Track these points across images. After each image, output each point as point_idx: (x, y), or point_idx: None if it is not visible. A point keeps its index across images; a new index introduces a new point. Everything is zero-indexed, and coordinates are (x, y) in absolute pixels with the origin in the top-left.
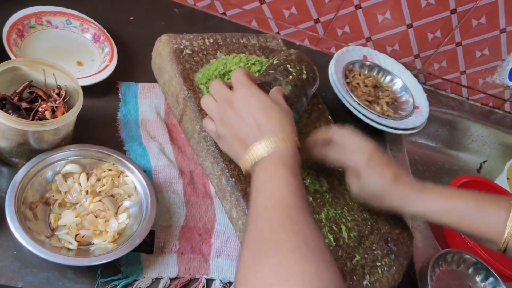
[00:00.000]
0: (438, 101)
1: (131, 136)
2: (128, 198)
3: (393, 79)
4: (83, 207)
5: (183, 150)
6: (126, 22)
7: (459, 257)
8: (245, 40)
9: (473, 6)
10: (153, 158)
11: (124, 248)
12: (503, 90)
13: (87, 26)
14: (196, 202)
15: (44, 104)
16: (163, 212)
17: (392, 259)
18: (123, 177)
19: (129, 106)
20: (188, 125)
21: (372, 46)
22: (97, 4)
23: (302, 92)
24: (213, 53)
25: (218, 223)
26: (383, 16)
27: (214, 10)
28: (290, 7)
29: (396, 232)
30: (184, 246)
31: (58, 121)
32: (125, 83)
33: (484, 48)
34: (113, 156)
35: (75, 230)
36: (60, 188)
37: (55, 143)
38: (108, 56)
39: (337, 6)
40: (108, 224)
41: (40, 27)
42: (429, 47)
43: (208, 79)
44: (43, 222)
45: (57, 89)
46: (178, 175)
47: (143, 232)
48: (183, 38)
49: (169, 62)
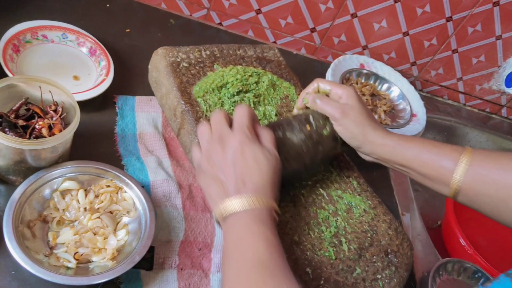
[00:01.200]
0: (436, 108)
1: (129, 150)
2: (127, 214)
3: (390, 87)
4: (82, 224)
5: (181, 163)
6: (122, 34)
7: (459, 266)
8: (242, 51)
9: (468, 14)
10: (151, 173)
11: (123, 265)
12: (499, 96)
13: (83, 40)
14: (195, 216)
15: (41, 121)
16: (162, 227)
17: (393, 271)
18: (122, 193)
19: (127, 120)
20: (186, 138)
21: (369, 54)
22: (92, 17)
23: (317, 148)
24: (210, 66)
25: (218, 237)
26: (379, 25)
27: (210, 20)
28: (286, 16)
29: (396, 243)
30: (184, 261)
31: (55, 139)
32: (122, 96)
33: (480, 54)
34: (111, 172)
35: (74, 248)
36: (58, 205)
37: (52, 160)
38: (104, 70)
39: (333, 15)
40: (107, 241)
41: (36, 42)
42: (426, 54)
43: (206, 92)
44: (41, 240)
45: (54, 105)
46: (177, 189)
47: (143, 249)
48: (180, 51)
49: (166, 75)
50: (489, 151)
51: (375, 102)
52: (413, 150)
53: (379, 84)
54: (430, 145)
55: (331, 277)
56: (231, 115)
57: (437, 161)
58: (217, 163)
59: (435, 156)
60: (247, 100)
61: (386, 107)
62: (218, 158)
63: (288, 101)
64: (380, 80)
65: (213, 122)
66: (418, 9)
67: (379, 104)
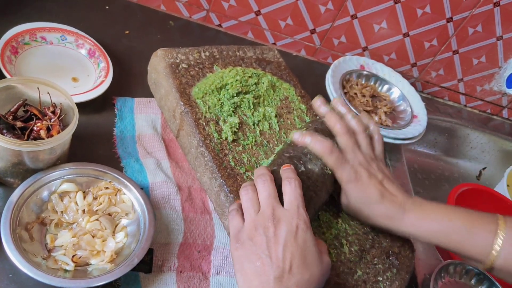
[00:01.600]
0: (436, 109)
1: (128, 152)
2: (126, 216)
3: (390, 88)
4: (80, 226)
5: (181, 165)
6: (121, 36)
7: (461, 268)
8: (242, 52)
9: (469, 14)
10: (150, 175)
11: (122, 268)
12: (500, 97)
13: (82, 42)
14: (194, 218)
15: (39, 122)
16: (161, 229)
17: (394, 273)
18: (120, 195)
19: (126, 122)
20: (185, 140)
21: (369, 55)
22: (91, 19)
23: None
24: (210, 67)
25: (218, 239)
26: (379, 26)
27: (209, 22)
28: (286, 18)
29: (397, 245)
30: (183, 264)
31: (53, 140)
32: (121, 98)
33: (481, 55)
34: (110, 173)
35: (72, 251)
36: (56, 207)
37: (50, 162)
38: (103, 71)
39: (333, 16)
40: (106, 243)
41: (35, 43)
42: (426, 55)
43: (205, 93)
44: (39, 243)
45: (52, 107)
46: (176, 191)
47: (141, 251)
48: (179, 52)
49: (165, 77)
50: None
51: (376, 103)
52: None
53: (380, 86)
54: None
55: (331, 280)
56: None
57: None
58: (265, 240)
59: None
60: (247, 101)
61: (387, 109)
62: (268, 235)
63: (288, 102)
64: (380, 82)
65: (261, 192)
66: (418, 10)
67: (379, 105)
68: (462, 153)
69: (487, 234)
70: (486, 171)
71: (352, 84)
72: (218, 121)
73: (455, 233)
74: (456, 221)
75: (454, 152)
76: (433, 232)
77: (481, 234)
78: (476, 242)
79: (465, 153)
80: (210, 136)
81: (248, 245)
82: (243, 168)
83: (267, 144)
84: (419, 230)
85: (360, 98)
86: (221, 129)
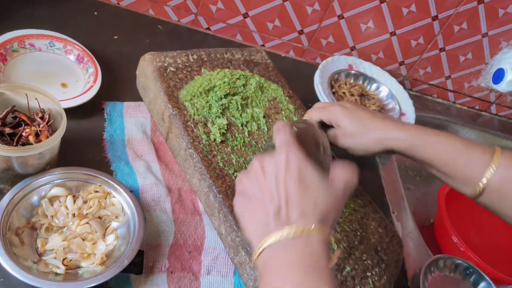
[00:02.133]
0: (425, 107)
1: (118, 156)
2: (116, 219)
3: (379, 87)
4: (70, 230)
5: (171, 167)
6: (110, 41)
7: (451, 262)
8: (229, 54)
9: (454, 12)
10: (140, 177)
11: (112, 270)
12: (488, 93)
13: (70, 48)
14: (185, 219)
15: (27, 128)
16: (152, 231)
17: (383, 268)
18: (110, 198)
19: (115, 126)
20: (174, 142)
21: (357, 55)
22: (80, 25)
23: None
24: (198, 70)
25: (208, 240)
26: (366, 25)
27: (198, 25)
28: (273, 19)
29: (386, 240)
30: (174, 264)
31: (41, 145)
32: (110, 102)
33: (467, 52)
34: (99, 177)
35: (63, 254)
36: (46, 212)
37: (40, 167)
38: (92, 76)
39: (320, 17)
40: (96, 246)
41: (23, 50)
42: (413, 53)
43: (193, 95)
44: (29, 247)
45: (41, 112)
46: (166, 193)
47: (131, 253)
48: (167, 56)
49: (153, 80)
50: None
51: (364, 102)
52: (435, 147)
53: (368, 84)
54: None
55: None
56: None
57: (465, 161)
58: (257, 183)
59: (462, 155)
60: (235, 103)
61: (375, 107)
62: (258, 178)
63: (276, 103)
64: (368, 80)
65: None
66: (404, 9)
67: (368, 104)
68: None
69: (484, 154)
70: None
71: (341, 84)
72: (207, 123)
73: (454, 148)
74: (455, 139)
75: None
76: (432, 144)
77: (479, 153)
78: (473, 160)
79: None
80: (198, 138)
81: (243, 196)
82: (231, 168)
83: (255, 144)
84: (418, 139)
85: (348, 97)
86: (209, 130)
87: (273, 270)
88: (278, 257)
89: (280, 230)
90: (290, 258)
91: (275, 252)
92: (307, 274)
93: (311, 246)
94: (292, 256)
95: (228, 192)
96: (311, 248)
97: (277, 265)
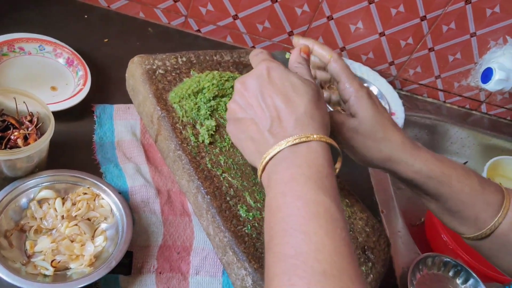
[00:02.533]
0: (416, 106)
1: (107, 158)
2: (105, 220)
3: (369, 87)
4: (59, 232)
5: (160, 169)
6: (100, 44)
7: (439, 260)
8: (219, 56)
9: (442, 12)
10: (129, 179)
11: (100, 271)
12: (478, 92)
13: (60, 51)
14: (174, 220)
15: (16, 132)
16: (141, 232)
17: (369, 267)
18: (99, 200)
19: (105, 128)
20: (163, 144)
21: (347, 55)
22: (70, 28)
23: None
24: (187, 72)
25: (197, 240)
26: (355, 26)
27: (188, 28)
28: (263, 21)
29: (373, 240)
30: (163, 265)
31: (29, 148)
32: (100, 105)
33: (456, 52)
34: (88, 179)
35: (51, 256)
36: (35, 214)
37: (28, 170)
38: (82, 79)
39: (310, 18)
40: (84, 248)
41: (13, 54)
42: (403, 53)
43: (182, 97)
44: (18, 249)
45: (29, 116)
46: (155, 195)
47: (119, 254)
48: (156, 58)
49: (142, 83)
50: None
51: None
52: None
53: None
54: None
55: None
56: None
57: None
58: (243, 103)
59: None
60: (223, 105)
61: None
62: (243, 98)
63: None
64: None
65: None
66: (392, 9)
67: None
68: (443, 148)
69: (496, 195)
70: (467, 165)
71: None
72: (195, 125)
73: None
74: (470, 173)
75: (435, 148)
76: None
77: (492, 193)
78: (488, 200)
79: (445, 148)
80: (187, 140)
81: (234, 120)
82: (219, 169)
83: None
84: (433, 168)
85: None
86: (198, 132)
87: (276, 185)
88: (279, 171)
89: (278, 143)
90: (291, 171)
91: (276, 166)
92: (307, 184)
93: (311, 155)
94: (292, 169)
95: (216, 193)
96: (311, 157)
97: (279, 180)
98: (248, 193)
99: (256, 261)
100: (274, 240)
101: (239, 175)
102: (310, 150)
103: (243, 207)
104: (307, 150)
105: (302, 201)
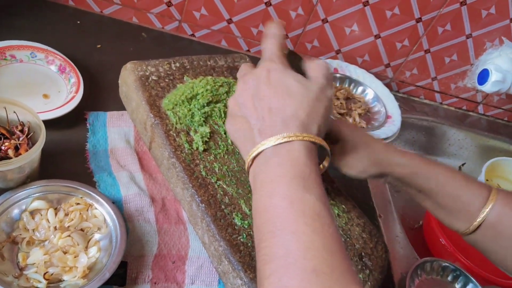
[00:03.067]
0: (413, 108)
1: (101, 166)
2: (98, 231)
3: (364, 90)
4: (52, 243)
5: (154, 177)
6: (93, 50)
7: (437, 265)
8: (213, 61)
9: (437, 14)
10: (123, 188)
11: (93, 283)
12: (475, 93)
13: (52, 58)
14: (168, 229)
15: (6, 142)
16: (135, 242)
17: (367, 274)
18: (92, 210)
19: (98, 136)
20: (157, 152)
21: (342, 58)
22: (63, 35)
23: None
24: (180, 78)
25: (192, 249)
26: (350, 29)
27: (182, 32)
28: (257, 25)
29: (370, 246)
30: (158, 275)
31: (20, 159)
32: (93, 113)
33: (452, 54)
34: (81, 189)
35: (44, 268)
36: (27, 225)
37: (20, 180)
38: (74, 86)
39: (304, 21)
40: (78, 259)
41: (4, 62)
42: (399, 55)
43: (175, 104)
44: (10, 262)
45: (20, 125)
46: (149, 203)
47: (113, 265)
48: (149, 65)
49: (135, 89)
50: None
51: (350, 105)
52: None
53: (354, 88)
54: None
55: None
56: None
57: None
58: (241, 101)
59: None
60: (218, 110)
61: (361, 110)
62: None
63: None
64: (354, 83)
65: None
66: (387, 11)
67: (353, 107)
68: (441, 150)
69: (482, 190)
70: (465, 166)
71: None
72: (189, 132)
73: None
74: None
75: (433, 150)
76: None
77: (477, 188)
78: (474, 192)
79: (443, 150)
80: (181, 147)
81: (231, 116)
82: (214, 177)
83: (238, 152)
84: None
85: (334, 101)
86: (192, 139)
87: (261, 185)
88: (264, 171)
89: (262, 142)
90: (275, 171)
91: (261, 166)
92: (291, 184)
93: (293, 154)
94: (276, 169)
95: (210, 201)
96: (293, 156)
97: (264, 180)
98: (244, 201)
99: (252, 271)
100: (263, 243)
101: (234, 182)
102: (293, 149)
103: (238, 215)
104: (290, 150)
105: (288, 201)
